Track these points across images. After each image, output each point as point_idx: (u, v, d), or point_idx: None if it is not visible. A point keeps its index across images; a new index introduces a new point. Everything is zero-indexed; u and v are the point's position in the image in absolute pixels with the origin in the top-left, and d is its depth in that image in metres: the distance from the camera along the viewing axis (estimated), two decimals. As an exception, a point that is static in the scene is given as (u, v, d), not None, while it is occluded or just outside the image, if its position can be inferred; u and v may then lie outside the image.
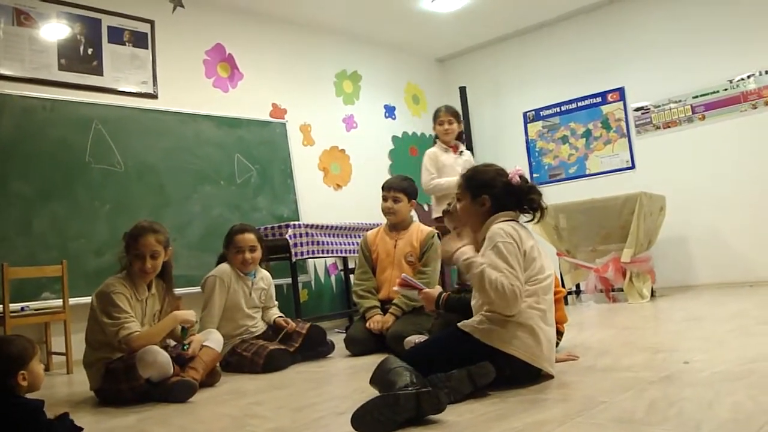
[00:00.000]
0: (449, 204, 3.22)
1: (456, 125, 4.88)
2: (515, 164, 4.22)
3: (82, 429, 2.24)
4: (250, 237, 3.78)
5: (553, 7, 6.92)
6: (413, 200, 4.13)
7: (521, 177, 2.56)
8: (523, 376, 2.37)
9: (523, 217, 2.61)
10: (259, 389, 2.92)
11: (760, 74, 5.93)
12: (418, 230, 4.08)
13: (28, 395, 2.19)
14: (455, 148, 4.89)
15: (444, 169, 4.72)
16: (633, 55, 6.67)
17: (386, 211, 4.08)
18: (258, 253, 3.81)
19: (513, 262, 2.33)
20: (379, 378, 2.26)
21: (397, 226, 4.11)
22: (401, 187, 4.07)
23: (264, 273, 3.95)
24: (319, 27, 6.72)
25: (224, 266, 3.78)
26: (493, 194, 2.55)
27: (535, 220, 2.57)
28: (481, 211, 2.58)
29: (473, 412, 2.05)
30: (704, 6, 6.22)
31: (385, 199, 4.08)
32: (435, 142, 4.98)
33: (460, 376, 2.19)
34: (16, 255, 4.24)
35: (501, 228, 2.42)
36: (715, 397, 2.00)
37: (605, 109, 6.87)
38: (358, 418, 1.89)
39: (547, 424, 1.85)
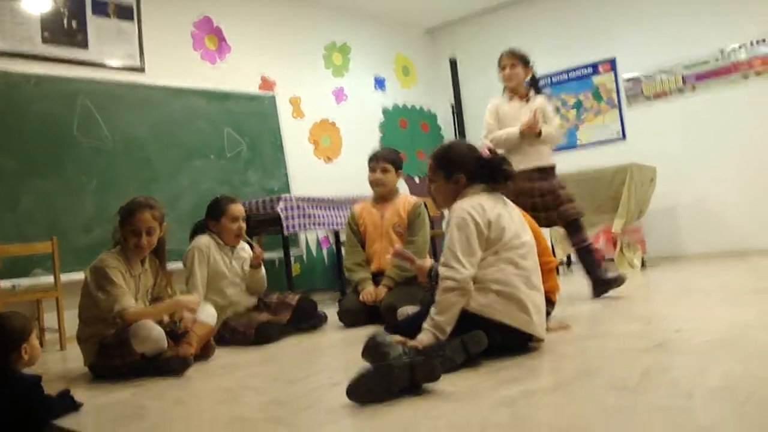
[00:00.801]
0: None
1: (520, 69, 4.16)
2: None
3: (81, 405, 2.25)
4: (241, 207, 3.80)
5: (543, -23, 6.85)
6: (400, 171, 4.12)
7: (490, 150, 2.58)
8: (514, 342, 2.39)
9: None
10: (252, 362, 2.93)
11: (752, 45, 5.92)
12: (405, 201, 4.08)
13: (25, 370, 2.20)
14: (522, 96, 4.17)
15: (506, 120, 4.11)
16: (625, 26, 6.63)
17: (375, 183, 4.06)
18: (245, 224, 3.81)
19: (462, 244, 2.36)
20: (371, 351, 2.26)
21: (384, 197, 4.10)
22: (389, 158, 4.06)
23: (243, 243, 3.93)
24: (307, -2, 6.64)
25: (202, 237, 3.76)
26: (467, 170, 2.57)
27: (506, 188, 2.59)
28: (456, 189, 2.60)
29: (467, 381, 2.07)
30: (695, -26, 6.18)
31: (373, 170, 4.06)
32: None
33: (453, 345, 2.20)
34: (4, 231, 4.21)
35: (459, 204, 2.47)
36: (706, 365, 2.02)
37: (596, 79, 6.85)
38: (353, 389, 1.90)
39: (540, 391, 1.87)
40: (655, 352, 2.28)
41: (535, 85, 4.26)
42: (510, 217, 2.50)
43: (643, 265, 5.55)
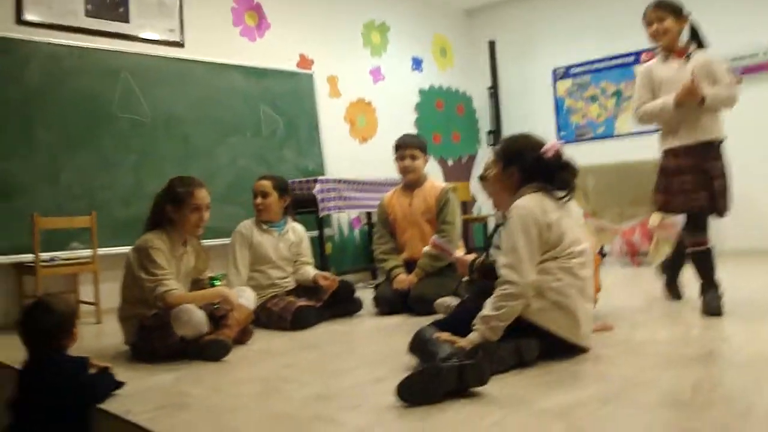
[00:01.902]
0: (486, 169, 3.14)
1: (671, 21, 3.36)
2: (540, 124, 3.97)
3: (124, 383, 2.27)
4: (264, 183, 3.84)
5: (589, -40, 6.68)
6: (427, 156, 4.08)
7: (556, 152, 2.47)
8: (560, 348, 2.35)
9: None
10: (289, 349, 2.93)
11: (803, 37, 5.74)
12: (432, 187, 4.03)
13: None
14: (681, 53, 3.35)
15: (663, 86, 3.32)
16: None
17: (404, 170, 4.02)
18: (270, 199, 3.79)
19: (524, 245, 2.28)
20: (418, 347, 2.26)
21: (412, 184, 4.06)
22: (416, 144, 4.02)
23: (295, 225, 3.94)
24: (348, -25, 6.55)
25: (246, 221, 3.81)
26: (523, 167, 2.48)
27: (565, 199, 2.46)
28: (509, 183, 2.52)
29: (514, 385, 2.05)
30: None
31: (402, 158, 4.01)
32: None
33: (508, 347, 2.18)
34: (44, 204, 4.24)
35: (522, 202, 2.38)
36: (760, 380, 1.98)
37: (638, 69, 6.67)
38: (403, 389, 1.89)
39: (592, 402, 1.84)
40: (704, 363, 2.24)
41: (696, 37, 3.39)
42: (570, 222, 2.43)
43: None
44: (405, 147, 4.01)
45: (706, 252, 3.31)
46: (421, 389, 1.89)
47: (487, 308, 2.28)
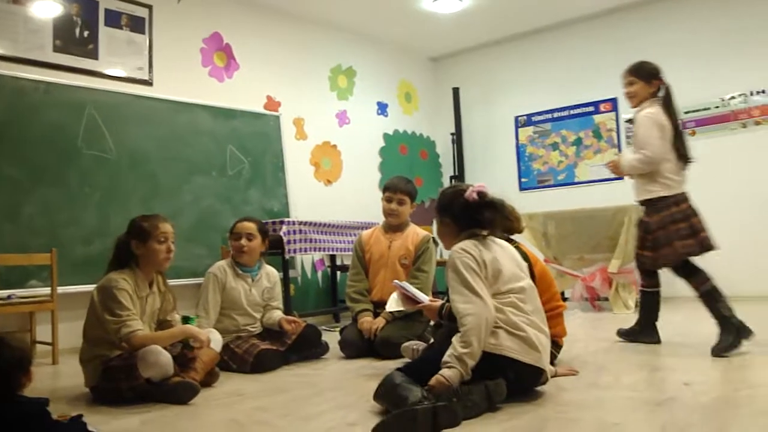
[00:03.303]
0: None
1: (639, 86, 3.77)
2: (502, 170, 4.11)
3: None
4: (249, 225, 3.79)
5: (550, 14, 6.94)
6: (414, 203, 4.12)
7: (479, 194, 2.59)
8: (527, 378, 2.42)
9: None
10: (259, 392, 2.89)
11: (751, 94, 6.02)
12: (414, 233, 4.07)
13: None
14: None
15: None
16: (626, 67, 6.70)
17: (389, 212, 4.04)
18: (255, 242, 3.77)
19: (471, 280, 2.40)
20: (386, 394, 2.26)
21: (394, 227, 4.09)
22: (407, 190, 4.05)
23: (269, 270, 3.91)
24: (318, 20, 6.66)
25: (222, 262, 3.75)
26: (453, 215, 2.64)
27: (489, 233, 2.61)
28: (448, 232, 2.69)
29: (486, 429, 2.06)
30: (699, 23, 6.30)
31: (389, 200, 4.04)
32: None
33: (478, 390, 2.20)
34: (3, 241, 4.14)
35: (459, 246, 2.52)
36: (724, 425, 2.03)
37: (597, 118, 6.92)
38: (379, 432, 1.89)
39: (565, 448, 1.86)
40: (670, 407, 2.28)
41: (668, 101, 3.72)
42: (507, 261, 2.53)
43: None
44: (395, 191, 4.03)
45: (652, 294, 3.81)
46: (396, 432, 1.89)
47: (457, 346, 2.31)
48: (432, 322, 3.52)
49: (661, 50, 6.47)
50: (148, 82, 5.23)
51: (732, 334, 3.34)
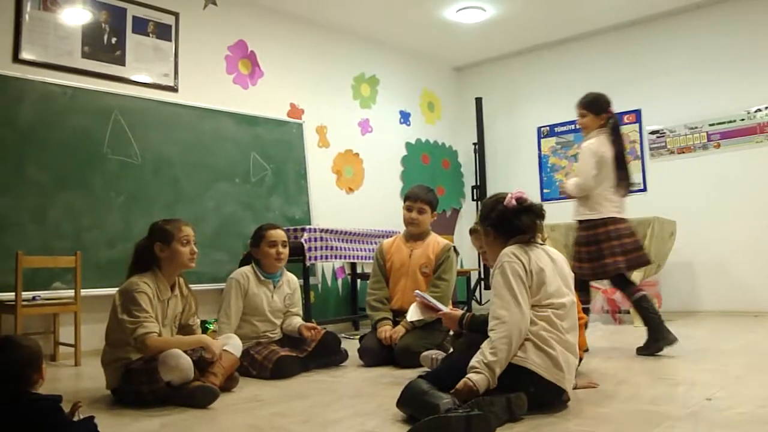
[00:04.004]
0: (476, 223, 3.24)
1: (589, 119, 4.11)
2: (524, 180, 4.15)
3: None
4: (281, 233, 3.82)
5: (573, 25, 6.93)
6: (435, 212, 4.13)
7: (518, 200, 2.58)
8: (547, 395, 2.40)
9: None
10: (278, 398, 2.90)
11: (778, 106, 5.95)
12: (435, 242, 4.07)
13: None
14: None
15: None
16: (651, 79, 6.68)
17: (409, 221, 4.05)
18: (287, 250, 3.81)
19: (515, 286, 2.39)
20: (412, 401, 2.25)
21: (415, 236, 4.09)
22: (428, 199, 4.06)
23: (290, 276, 3.93)
24: (342, 29, 6.70)
25: (243, 268, 3.77)
26: (493, 223, 2.64)
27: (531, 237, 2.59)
28: (491, 242, 2.68)
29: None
30: (724, 35, 6.24)
31: (410, 209, 4.04)
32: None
33: (500, 402, 2.20)
34: (30, 243, 4.21)
35: (509, 250, 2.51)
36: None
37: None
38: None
39: (585, 461, 1.85)
40: (691, 422, 2.26)
41: (616, 131, 4.09)
42: (554, 275, 2.50)
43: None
44: (416, 200, 4.04)
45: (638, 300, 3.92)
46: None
47: (486, 353, 2.32)
48: (452, 332, 3.53)
49: (684, 62, 6.45)
50: (173, 89, 5.30)
51: (659, 339, 3.75)
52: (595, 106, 4.10)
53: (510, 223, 2.57)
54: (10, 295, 3.96)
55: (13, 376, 2.04)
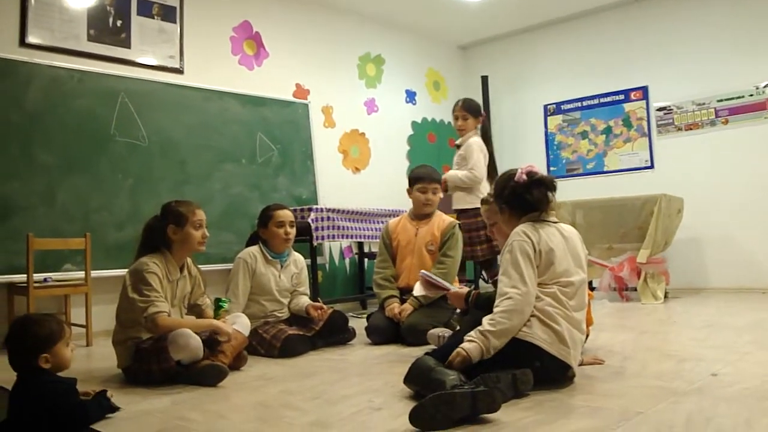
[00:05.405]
0: (489, 194, 3.24)
1: (470, 122, 4.84)
2: (531, 158, 4.22)
3: (119, 409, 2.27)
4: (288, 213, 3.84)
5: (580, 2, 6.87)
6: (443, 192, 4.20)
7: (528, 174, 2.57)
8: (552, 370, 2.41)
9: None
10: (286, 376, 2.94)
11: (787, 81, 5.91)
12: (440, 220, 4.09)
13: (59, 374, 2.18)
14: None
15: None
16: (658, 55, 6.63)
17: (425, 202, 4.07)
18: (294, 230, 3.84)
19: (523, 265, 2.40)
20: (419, 377, 2.28)
21: (423, 215, 4.11)
22: (439, 179, 4.17)
23: (297, 256, 3.95)
24: (346, 9, 6.68)
25: (252, 248, 3.79)
26: (506, 200, 2.63)
27: (548, 217, 2.59)
28: (505, 219, 2.69)
29: (517, 414, 2.07)
30: (732, 10, 6.18)
31: (424, 191, 4.06)
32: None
33: (505, 379, 2.22)
34: (39, 225, 4.25)
35: (519, 228, 2.52)
36: (751, 416, 2.01)
37: (627, 107, 6.84)
38: (415, 416, 1.91)
39: (590, 434, 1.87)
40: (696, 397, 2.27)
41: (486, 133, 4.90)
42: (564, 254, 2.52)
43: (666, 296, 5.53)
44: (430, 180, 4.08)
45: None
46: (433, 415, 1.91)
47: (484, 322, 2.36)
48: (458, 310, 3.56)
49: (692, 38, 6.40)
50: (179, 71, 5.30)
51: None
52: (474, 110, 4.81)
53: (522, 198, 2.57)
54: (22, 277, 4.02)
55: (31, 351, 2.08)
